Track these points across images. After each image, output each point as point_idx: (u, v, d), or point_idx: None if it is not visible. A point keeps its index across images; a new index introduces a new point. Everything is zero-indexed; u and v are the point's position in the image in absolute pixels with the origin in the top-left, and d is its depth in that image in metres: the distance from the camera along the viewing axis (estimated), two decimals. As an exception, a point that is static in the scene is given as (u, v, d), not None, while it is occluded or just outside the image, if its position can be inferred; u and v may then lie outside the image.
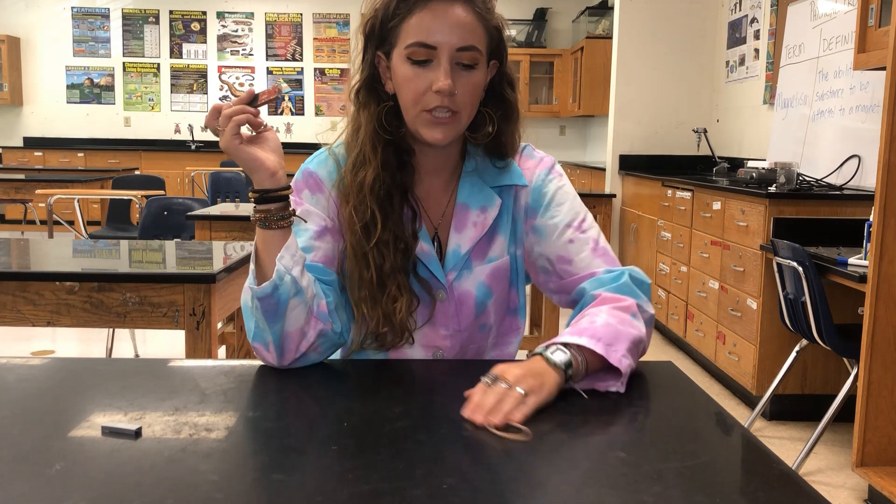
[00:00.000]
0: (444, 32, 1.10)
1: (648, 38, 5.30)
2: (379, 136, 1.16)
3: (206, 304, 1.97)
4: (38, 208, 7.10)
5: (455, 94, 1.11)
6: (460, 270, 1.21)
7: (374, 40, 1.16)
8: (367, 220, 1.15)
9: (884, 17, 2.57)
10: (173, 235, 3.75)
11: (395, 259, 1.15)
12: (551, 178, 1.25)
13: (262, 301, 1.05)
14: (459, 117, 1.14)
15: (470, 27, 1.11)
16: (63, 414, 0.93)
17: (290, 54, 9.27)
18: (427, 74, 1.11)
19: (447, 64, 1.10)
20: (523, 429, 0.88)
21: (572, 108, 8.34)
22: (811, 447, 2.67)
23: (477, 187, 1.22)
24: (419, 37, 1.10)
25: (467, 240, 1.21)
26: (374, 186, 1.15)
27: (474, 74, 1.13)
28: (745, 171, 3.67)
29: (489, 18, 1.15)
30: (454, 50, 1.10)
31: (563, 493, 0.75)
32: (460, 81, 1.11)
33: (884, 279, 2.34)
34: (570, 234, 1.22)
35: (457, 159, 1.24)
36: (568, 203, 1.24)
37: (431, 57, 1.11)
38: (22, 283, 1.96)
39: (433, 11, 1.10)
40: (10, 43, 8.88)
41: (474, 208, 1.21)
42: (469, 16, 1.11)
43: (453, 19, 1.10)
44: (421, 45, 1.10)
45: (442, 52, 1.10)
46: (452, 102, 1.11)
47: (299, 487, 0.75)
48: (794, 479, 0.78)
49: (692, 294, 3.97)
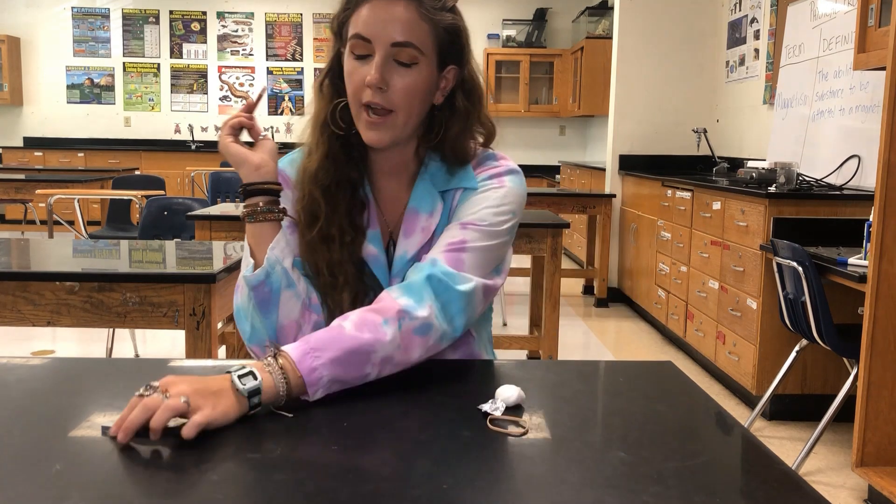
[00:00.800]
0: (379, 26, 1.10)
1: (648, 38, 5.30)
2: (326, 126, 1.18)
3: (207, 304, 1.97)
4: (38, 208, 7.10)
5: (387, 91, 1.11)
6: (403, 276, 1.17)
7: (336, 35, 1.18)
8: (312, 209, 1.17)
9: (884, 17, 2.57)
10: (173, 235, 3.74)
11: (343, 252, 1.16)
12: (488, 184, 1.18)
13: (255, 290, 1.08)
14: (395, 117, 1.13)
15: (410, 24, 1.11)
16: (63, 414, 0.93)
17: (290, 54, 9.27)
18: (363, 69, 1.11)
19: (380, 59, 1.10)
20: (519, 421, 0.89)
21: (572, 108, 8.34)
22: (811, 447, 2.66)
23: (428, 191, 1.20)
24: (357, 29, 1.11)
25: (414, 245, 1.19)
26: (317, 175, 1.17)
27: (411, 73, 1.12)
28: (745, 171, 3.67)
29: (437, 18, 1.13)
30: (389, 45, 1.10)
31: (563, 493, 0.75)
32: (394, 79, 1.11)
33: (884, 279, 2.34)
34: (452, 227, 1.16)
35: (415, 163, 1.22)
36: (480, 206, 1.16)
37: (370, 52, 1.11)
38: (22, 283, 1.96)
39: (375, 6, 1.11)
40: (10, 43, 8.88)
41: (423, 212, 1.19)
42: (411, 13, 1.11)
43: (392, 14, 1.10)
44: (358, 38, 1.11)
45: (377, 45, 1.10)
46: (384, 99, 1.11)
47: (299, 487, 0.75)
48: (794, 479, 0.78)
49: (692, 294, 3.97)
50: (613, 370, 1.21)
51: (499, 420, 0.91)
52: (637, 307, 5.16)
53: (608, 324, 4.98)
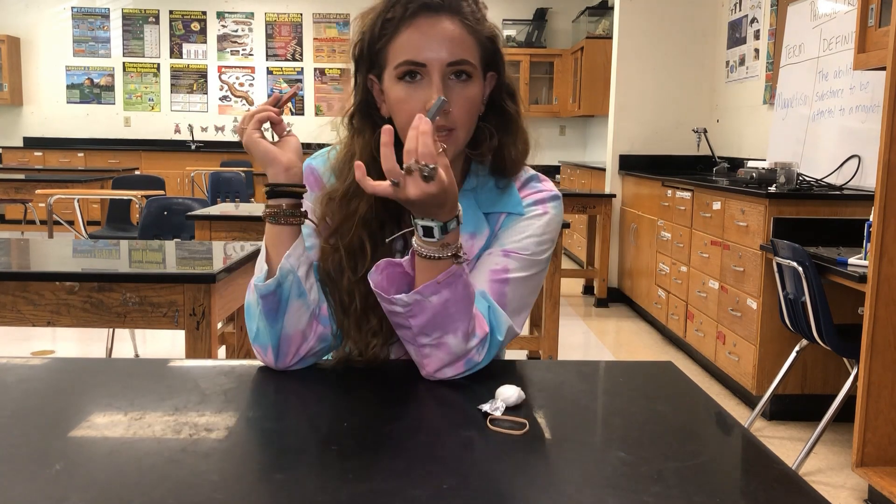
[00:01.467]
0: (432, 49, 1.06)
1: (648, 38, 5.30)
2: (374, 165, 1.06)
3: (206, 304, 1.97)
4: (38, 208, 7.10)
5: (450, 112, 1.07)
6: None
7: (365, 63, 1.13)
8: (355, 250, 1.11)
9: (884, 17, 2.57)
10: (173, 235, 3.75)
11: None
12: (533, 210, 1.18)
13: (264, 299, 1.05)
14: (456, 135, 1.09)
15: (459, 40, 1.08)
16: (63, 414, 0.93)
17: (290, 54, 9.27)
18: (419, 94, 1.07)
19: (439, 81, 1.06)
20: (519, 421, 0.88)
21: (572, 108, 8.34)
22: (811, 447, 2.66)
23: (471, 210, 1.17)
24: (408, 55, 1.06)
25: None
26: (366, 217, 1.12)
27: (469, 88, 1.09)
28: (745, 171, 3.67)
29: (480, 29, 1.11)
30: (444, 66, 1.06)
31: (563, 493, 0.75)
32: (454, 97, 1.07)
33: (884, 279, 2.34)
34: (494, 253, 1.15)
35: (458, 177, 1.18)
36: (523, 235, 1.15)
37: (423, 74, 1.07)
38: (22, 283, 1.96)
39: (419, 28, 1.06)
40: (10, 43, 8.88)
41: (464, 233, 1.15)
42: (457, 28, 1.08)
43: (441, 34, 1.07)
44: (410, 64, 1.07)
45: (432, 69, 1.06)
46: (448, 120, 1.07)
47: (299, 487, 0.75)
48: (794, 479, 0.78)
49: (692, 294, 3.97)
50: (613, 370, 1.21)
51: (499, 420, 0.90)
52: (637, 307, 5.16)
53: (608, 324, 4.99)
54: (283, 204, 1.06)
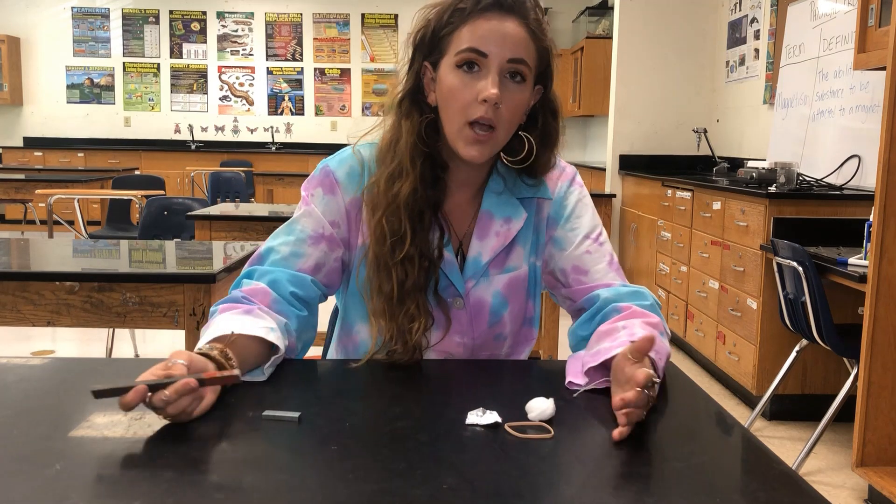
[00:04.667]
0: (496, 42, 1.09)
1: (648, 38, 5.30)
2: (419, 148, 1.14)
3: (206, 304, 1.97)
4: (38, 208, 7.10)
5: (500, 108, 1.10)
6: (478, 279, 1.20)
7: (423, 50, 1.15)
8: (397, 233, 1.14)
9: (884, 17, 2.57)
10: (173, 235, 3.74)
11: (419, 277, 1.14)
12: (572, 190, 1.25)
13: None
14: (497, 135, 1.12)
15: (522, 42, 1.11)
16: (63, 414, 0.93)
17: (290, 54, 9.27)
18: (475, 84, 1.10)
19: (496, 74, 1.09)
20: (546, 426, 0.88)
21: (572, 107, 8.34)
22: (811, 447, 2.67)
23: (503, 197, 1.21)
24: (472, 43, 1.09)
25: (489, 249, 1.20)
26: (408, 200, 1.13)
27: (521, 90, 1.12)
28: (745, 171, 3.67)
29: (541, 38, 1.14)
30: (505, 61, 1.09)
31: (563, 493, 0.75)
32: (507, 95, 1.10)
33: (884, 279, 2.34)
34: (588, 246, 1.22)
35: (486, 173, 1.23)
36: (587, 215, 1.25)
37: (481, 65, 1.10)
38: (22, 283, 1.96)
39: (488, 21, 1.10)
40: (10, 43, 8.88)
41: (498, 218, 1.20)
42: (522, 30, 1.11)
43: (507, 31, 1.10)
44: (473, 51, 1.09)
45: (492, 61, 1.09)
46: (496, 115, 1.10)
47: (299, 487, 0.75)
48: (794, 479, 0.78)
49: (692, 294, 3.97)
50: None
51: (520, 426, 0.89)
52: (637, 307, 5.14)
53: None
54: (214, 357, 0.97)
